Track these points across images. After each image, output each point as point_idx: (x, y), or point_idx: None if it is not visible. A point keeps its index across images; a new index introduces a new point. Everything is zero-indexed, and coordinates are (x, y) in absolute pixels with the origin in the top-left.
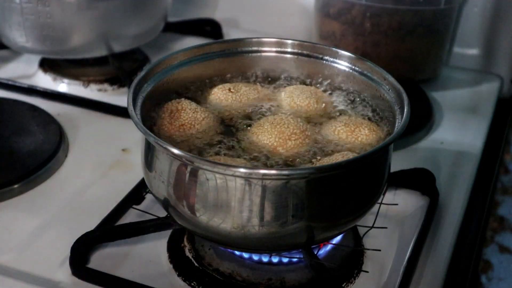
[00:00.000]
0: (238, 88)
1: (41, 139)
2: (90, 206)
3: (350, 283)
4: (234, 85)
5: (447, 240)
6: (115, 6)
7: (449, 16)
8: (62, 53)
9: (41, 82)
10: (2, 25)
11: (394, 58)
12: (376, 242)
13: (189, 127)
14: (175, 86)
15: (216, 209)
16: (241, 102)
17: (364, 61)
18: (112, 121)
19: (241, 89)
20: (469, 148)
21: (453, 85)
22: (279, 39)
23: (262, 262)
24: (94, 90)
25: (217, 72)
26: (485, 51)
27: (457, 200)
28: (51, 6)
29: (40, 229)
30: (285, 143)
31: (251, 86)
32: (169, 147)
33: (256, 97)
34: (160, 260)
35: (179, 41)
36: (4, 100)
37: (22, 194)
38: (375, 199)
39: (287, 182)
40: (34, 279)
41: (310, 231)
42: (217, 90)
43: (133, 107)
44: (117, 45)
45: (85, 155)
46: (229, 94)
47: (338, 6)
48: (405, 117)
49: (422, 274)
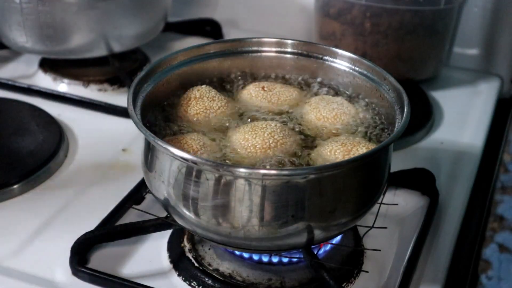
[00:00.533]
0: (272, 87)
1: (41, 139)
2: (90, 206)
3: (350, 283)
4: (270, 84)
5: (447, 240)
6: (115, 6)
7: (449, 16)
8: (62, 53)
9: (41, 82)
10: (2, 25)
11: (394, 58)
12: (376, 242)
13: (203, 116)
14: (175, 86)
15: (216, 209)
16: (270, 101)
17: (364, 61)
18: (112, 121)
19: (275, 88)
20: (469, 148)
21: (453, 85)
22: (279, 39)
23: (262, 262)
24: (94, 90)
25: (217, 72)
26: (485, 51)
27: (457, 200)
28: (51, 6)
29: (40, 229)
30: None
31: (287, 88)
32: (169, 147)
33: (287, 99)
34: (160, 260)
35: (179, 41)
36: (4, 100)
37: (22, 194)
38: (375, 199)
39: (287, 182)
40: (34, 279)
41: (310, 231)
42: (251, 86)
43: (133, 107)
44: (117, 45)
45: (85, 155)
46: (261, 92)
47: (338, 6)
48: (405, 117)
49: (422, 274)
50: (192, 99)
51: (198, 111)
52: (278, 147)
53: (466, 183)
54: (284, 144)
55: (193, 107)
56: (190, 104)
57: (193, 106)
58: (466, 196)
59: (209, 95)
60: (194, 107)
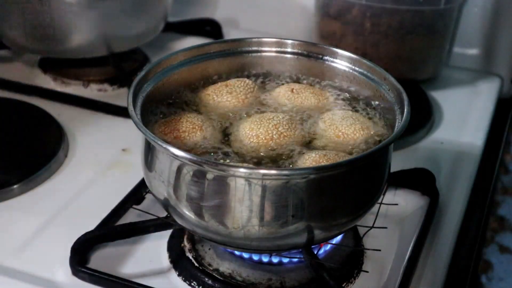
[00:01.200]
0: (301, 90)
1: (41, 139)
2: (90, 206)
3: (350, 283)
4: (301, 86)
5: (447, 240)
6: (115, 6)
7: (449, 16)
8: (62, 53)
9: (41, 82)
10: (2, 25)
11: (394, 58)
12: (376, 242)
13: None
14: (175, 86)
15: (216, 209)
16: (296, 104)
17: (364, 61)
18: (112, 121)
19: (304, 92)
20: (469, 148)
21: (453, 85)
22: (279, 39)
23: (262, 262)
24: (94, 90)
25: (217, 72)
26: (485, 51)
27: (457, 200)
28: (51, 6)
29: (40, 229)
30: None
31: (317, 92)
32: (169, 147)
33: (313, 104)
34: (160, 260)
35: (179, 41)
36: (4, 100)
37: (22, 194)
38: (375, 199)
39: (287, 182)
40: (34, 279)
41: (310, 231)
42: (283, 86)
43: (133, 107)
44: (117, 45)
45: (85, 155)
46: (290, 94)
47: (338, 6)
48: (405, 117)
49: (422, 274)
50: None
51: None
52: (281, 139)
53: (466, 183)
54: (288, 137)
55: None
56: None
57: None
58: (466, 196)
59: (239, 86)
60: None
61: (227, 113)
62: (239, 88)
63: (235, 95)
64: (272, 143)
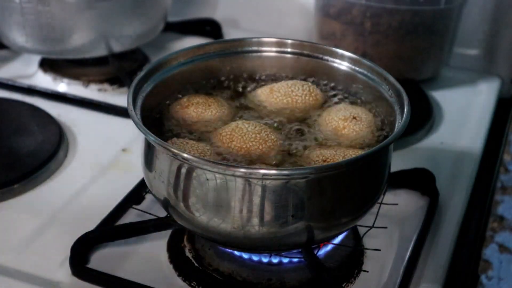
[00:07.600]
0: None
1: (41, 139)
2: (90, 206)
3: (350, 283)
4: (280, 86)
5: (447, 240)
6: (115, 6)
7: (449, 16)
8: (62, 53)
9: (41, 82)
10: (2, 25)
11: (394, 58)
12: (376, 242)
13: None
14: (175, 86)
15: (216, 209)
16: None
17: (364, 61)
18: (112, 121)
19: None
20: (469, 148)
21: (453, 85)
22: (279, 39)
23: (262, 262)
24: (94, 90)
25: (217, 72)
26: (485, 51)
27: (457, 200)
28: (51, 6)
29: (40, 229)
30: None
31: (316, 91)
32: (169, 147)
33: (312, 104)
34: (160, 260)
35: (179, 41)
36: (4, 100)
37: (22, 194)
38: (375, 199)
39: (287, 182)
40: (34, 279)
41: (310, 231)
42: (264, 88)
43: (133, 107)
44: (117, 45)
45: (85, 155)
46: (269, 94)
47: (338, 6)
48: (405, 117)
49: (422, 274)
50: (191, 105)
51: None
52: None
53: (466, 183)
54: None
55: (191, 111)
56: (189, 108)
57: (192, 111)
58: (466, 196)
59: (206, 102)
60: (193, 112)
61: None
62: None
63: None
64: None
